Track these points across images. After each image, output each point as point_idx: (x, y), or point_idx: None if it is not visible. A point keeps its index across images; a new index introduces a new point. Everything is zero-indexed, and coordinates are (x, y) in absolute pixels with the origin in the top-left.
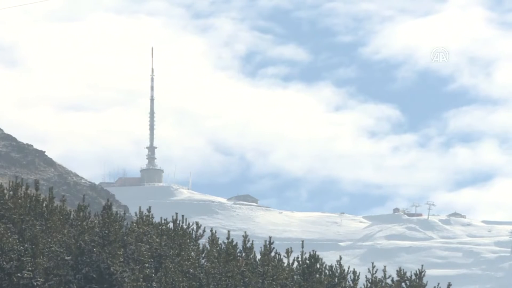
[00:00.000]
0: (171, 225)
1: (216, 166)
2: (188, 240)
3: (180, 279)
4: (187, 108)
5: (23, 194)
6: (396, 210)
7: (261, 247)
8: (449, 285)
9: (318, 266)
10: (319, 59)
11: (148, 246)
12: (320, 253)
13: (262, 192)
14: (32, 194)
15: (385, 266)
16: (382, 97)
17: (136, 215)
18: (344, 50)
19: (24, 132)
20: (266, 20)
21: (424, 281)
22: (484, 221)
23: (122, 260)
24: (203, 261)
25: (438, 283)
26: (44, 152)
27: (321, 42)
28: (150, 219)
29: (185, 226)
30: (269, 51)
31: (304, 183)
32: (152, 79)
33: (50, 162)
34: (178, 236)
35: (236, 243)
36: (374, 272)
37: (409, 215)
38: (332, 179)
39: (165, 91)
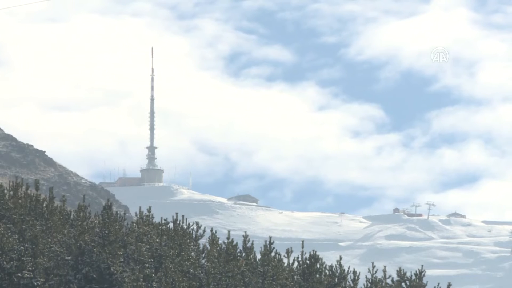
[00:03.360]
0: (171, 225)
1: (201, 166)
2: (188, 240)
3: (180, 279)
4: (171, 109)
5: (23, 194)
6: (396, 210)
7: (261, 247)
8: (449, 285)
9: (318, 266)
10: (303, 60)
11: (148, 246)
12: (320, 253)
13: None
14: (32, 194)
15: (385, 266)
16: (365, 97)
17: (136, 215)
18: (328, 51)
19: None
20: (250, 21)
21: (424, 281)
22: (484, 221)
23: (122, 260)
24: (203, 261)
25: (438, 283)
26: (44, 152)
27: (305, 42)
28: (150, 219)
29: (185, 226)
30: (253, 52)
31: (289, 184)
32: (152, 79)
33: (50, 162)
34: (178, 236)
35: (236, 243)
36: (374, 272)
37: (409, 215)
38: (317, 180)
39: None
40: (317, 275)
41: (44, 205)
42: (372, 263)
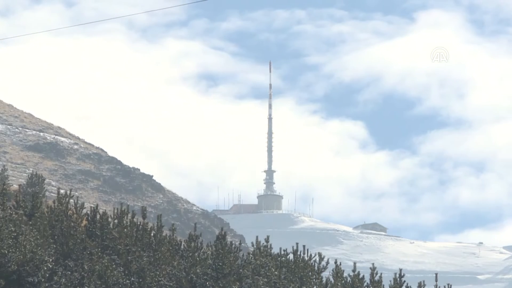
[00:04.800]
0: (291, 256)
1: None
2: (310, 273)
3: None
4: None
5: (129, 223)
6: None
7: (390, 281)
8: None
9: None
10: (281, 78)
11: (266, 280)
12: (456, 287)
13: None
14: (139, 223)
15: None
16: (348, 117)
17: (252, 245)
18: (310, 70)
19: None
20: (223, 40)
21: None
22: None
23: None
24: None
25: None
26: (152, 176)
27: (284, 61)
28: (268, 250)
29: (306, 258)
30: (225, 69)
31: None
32: (270, 96)
33: (158, 188)
34: (299, 268)
35: (363, 276)
36: None
37: None
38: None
39: (114, 109)
40: None
41: (152, 234)
42: None
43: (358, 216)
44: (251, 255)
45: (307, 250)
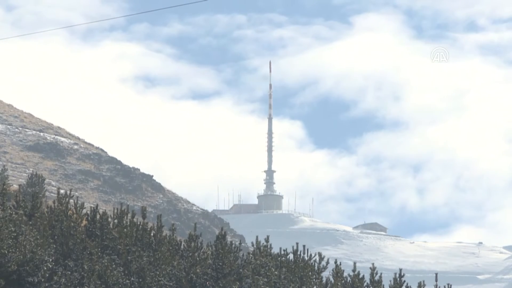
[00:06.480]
0: (291, 256)
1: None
2: (310, 273)
3: None
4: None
5: (129, 223)
6: None
7: (390, 280)
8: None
9: None
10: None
11: (266, 280)
12: (456, 287)
13: None
14: (138, 223)
15: None
16: (286, 117)
17: (252, 245)
18: (245, 72)
19: None
20: (161, 42)
21: None
22: None
23: None
24: None
25: None
26: (152, 176)
27: (220, 63)
28: (268, 250)
29: (306, 257)
30: (161, 70)
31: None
32: (270, 96)
33: (158, 188)
34: (299, 268)
35: (363, 275)
36: None
37: None
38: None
39: (48, 108)
40: None
41: (152, 234)
42: None
43: None
44: (251, 255)
45: (307, 250)
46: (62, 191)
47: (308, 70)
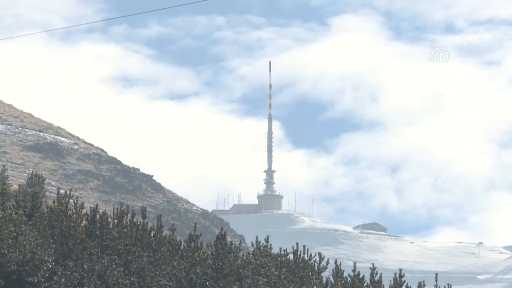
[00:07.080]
0: (291, 256)
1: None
2: (310, 273)
3: None
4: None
5: (129, 223)
6: None
7: (390, 281)
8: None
9: None
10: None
11: (266, 280)
12: (456, 287)
13: None
14: (138, 223)
15: None
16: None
17: (252, 245)
18: (224, 73)
19: None
20: (140, 44)
21: None
22: None
23: None
24: None
25: None
26: (152, 176)
27: (199, 64)
28: (268, 250)
29: (306, 258)
30: (140, 71)
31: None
32: (269, 96)
33: (158, 188)
34: (299, 268)
35: (363, 276)
36: None
37: None
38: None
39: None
40: None
41: (152, 234)
42: None
43: None
44: (251, 255)
45: (307, 250)
46: (62, 191)
47: (286, 71)
